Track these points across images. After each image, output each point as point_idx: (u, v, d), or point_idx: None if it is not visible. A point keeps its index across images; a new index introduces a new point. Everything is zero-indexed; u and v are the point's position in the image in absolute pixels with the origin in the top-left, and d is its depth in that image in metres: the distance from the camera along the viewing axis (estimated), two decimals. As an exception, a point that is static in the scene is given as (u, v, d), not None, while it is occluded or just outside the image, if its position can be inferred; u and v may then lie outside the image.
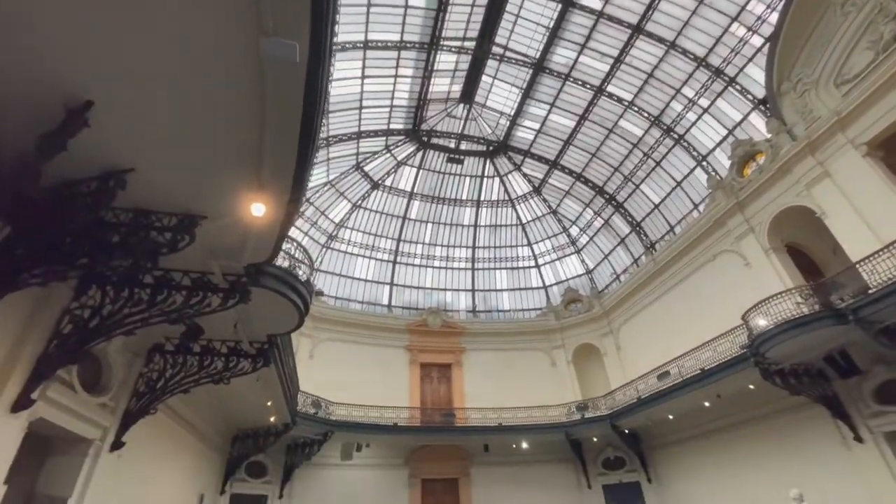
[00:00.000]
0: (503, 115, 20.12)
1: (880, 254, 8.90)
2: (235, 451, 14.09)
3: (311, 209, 20.45)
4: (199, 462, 11.55)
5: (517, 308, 23.99)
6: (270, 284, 6.53)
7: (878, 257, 8.85)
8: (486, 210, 24.08)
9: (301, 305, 7.11)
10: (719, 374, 11.80)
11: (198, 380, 7.65)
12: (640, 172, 18.79)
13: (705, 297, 15.31)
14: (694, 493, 14.40)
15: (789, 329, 9.47)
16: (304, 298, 7.12)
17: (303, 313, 7.28)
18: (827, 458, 10.70)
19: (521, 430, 17.44)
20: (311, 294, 7.56)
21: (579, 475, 17.95)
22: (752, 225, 13.82)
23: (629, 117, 17.77)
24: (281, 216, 4.85)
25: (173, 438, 9.53)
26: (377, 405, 17.07)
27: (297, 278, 6.99)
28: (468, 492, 17.72)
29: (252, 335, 7.94)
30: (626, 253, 20.88)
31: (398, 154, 21.44)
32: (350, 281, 22.18)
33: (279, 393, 10.98)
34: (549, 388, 20.14)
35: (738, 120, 15.03)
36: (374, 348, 20.28)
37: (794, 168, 12.48)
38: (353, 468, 16.83)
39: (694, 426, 14.49)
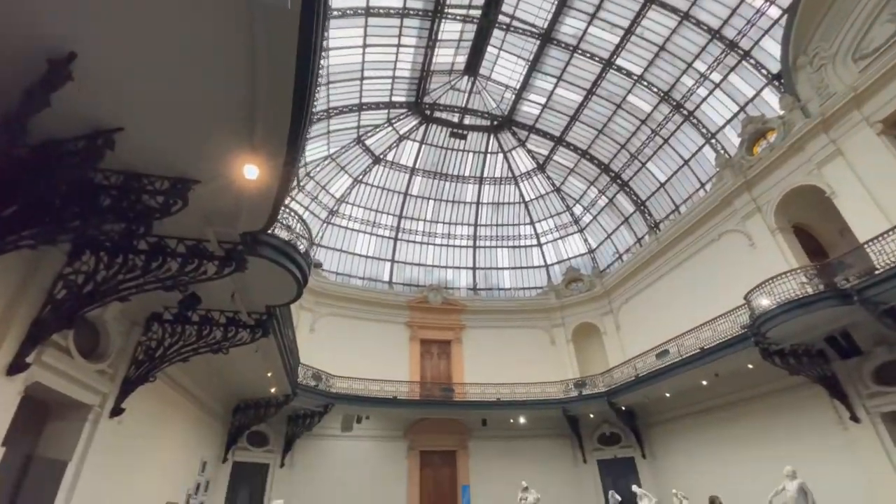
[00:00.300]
0: (508, 89, 19.61)
1: (889, 234, 8.72)
2: (237, 421, 14.31)
3: (311, 183, 20.22)
4: (201, 430, 11.73)
5: (518, 286, 23.96)
6: (268, 254, 6.42)
7: (886, 237, 8.68)
8: (488, 187, 23.79)
9: (299, 276, 7.03)
10: (719, 353, 11.80)
11: (196, 349, 7.64)
12: (646, 150, 18.42)
13: (708, 277, 15.20)
14: (688, 469, 14.62)
15: (792, 309, 9.39)
16: (302, 269, 7.03)
17: (301, 285, 7.20)
18: (823, 437, 10.78)
19: (518, 406, 17.66)
20: (309, 266, 7.46)
21: (575, 450, 18.26)
22: (759, 204, 13.59)
23: (638, 92, 17.30)
24: (276, 181, 4.69)
25: (174, 406, 9.62)
26: (378, 379, 17.24)
27: (296, 249, 6.88)
28: (465, 463, 18.09)
29: (250, 306, 7.90)
30: (629, 232, 20.69)
31: (400, 128, 21.02)
32: (351, 257, 22.12)
33: (279, 364, 11.05)
34: (547, 366, 20.30)
35: (750, 96, 14.61)
36: (374, 324, 20.38)
37: (806, 146, 12.17)
38: (354, 439, 17.15)
39: (691, 404, 14.61)
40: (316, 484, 15.89)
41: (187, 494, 11.11)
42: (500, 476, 17.39)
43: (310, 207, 20.49)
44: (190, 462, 11.26)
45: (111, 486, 7.08)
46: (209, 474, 12.77)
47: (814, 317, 9.32)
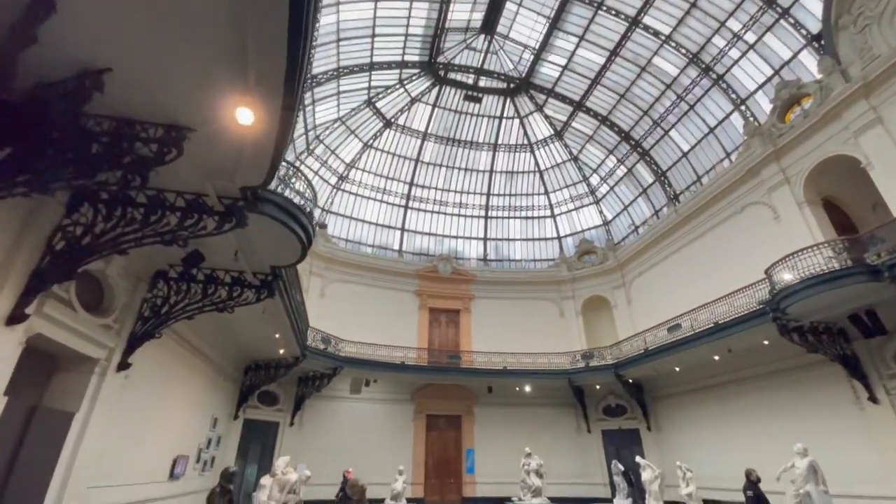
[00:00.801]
0: (527, 49, 18.67)
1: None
2: (248, 381, 14.61)
3: (320, 147, 19.83)
4: (212, 388, 11.96)
5: (529, 258, 23.65)
6: (269, 212, 6.21)
7: (928, 211, 8.10)
8: (502, 155, 23.12)
9: (303, 237, 6.83)
10: (734, 328, 11.49)
11: (201, 307, 7.60)
12: (670, 117, 17.55)
13: (727, 251, 14.69)
14: (694, 443, 14.61)
15: (816, 284, 8.97)
16: (305, 229, 6.82)
17: (305, 245, 7.02)
18: (837, 417, 10.54)
19: (524, 375, 17.74)
20: (314, 227, 7.26)
21: (579, 420, 18.42)
22: (787, 175, 12.90)
23: (665, 54, 16.31)
24: (274, 128, 4.41)
25: (185, 365, 9.76)
26: (386, 344, 17.37)
27: (299, 208, 6.65)
28: (471, 428, 18.40)
29: (255, 266, 7.78)
30: (647, 204, 20.04)
31: (412, 90, 20.30)
32: (361, 224, 21.94)
33: (287, 326, 11.07)
34: (555, 339, 20.22)
35: (786, 59, 13.62)
36: (384, 291, 20.41)
37: (843, 113, 11.37)
38: (362, 401, 17.48)
39: (700, 379, 14.44)
40: (324, 443, 16.33)
41: (199, 448, 11.45)
42: (504, 442, 17.68)
43: (319, 172, 20.18)
44: (201, 418, 11.53)
45: (120, 437, 7.22)
46: (220, 430, 13.13)
47: (839, 293, 8.91)
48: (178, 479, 10.01)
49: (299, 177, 6.99)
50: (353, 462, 16.28)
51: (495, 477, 17.08)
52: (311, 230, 7.18)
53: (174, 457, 9.80)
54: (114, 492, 7.29)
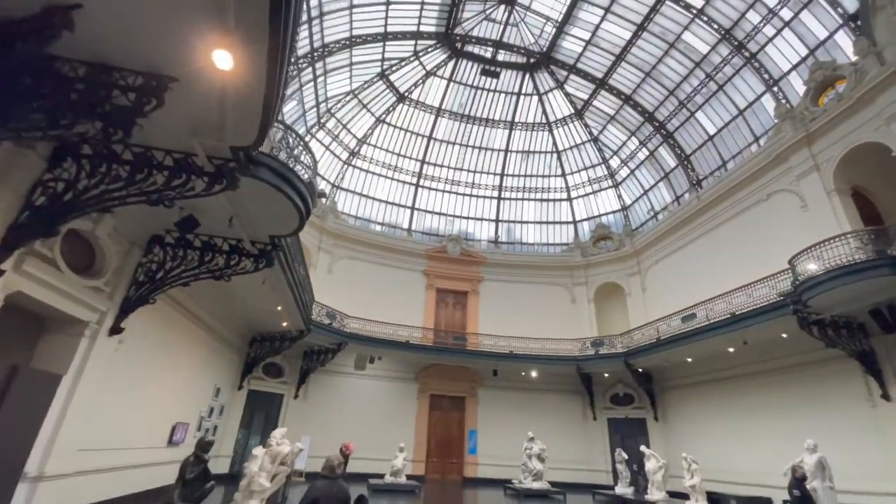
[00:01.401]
0: (549, 21, 17.78)
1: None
2: (253, 352, 14.68)
3: (332, 121, 19.43)
4: (215, 357, 11.97)
5: (542, 242, 23.12)
6: (264, 176, 5.92)
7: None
8: (519, 133, 22.40)
9: (300, 205, 6.54)
10: (751, 319, 10.99)
11: (198, 274, 7.43)
12: (697, 98, 16.64)
13: (749, 240, 14.00)
14: (702, 435, 14.25)
15: (842, 276, 8.42)
16: (303, 197, 6.53)
17: (303, 214, 6.73)
18: (848, 413, 10.11)
19: (532, 359, 17.50)
20: (312, 195, 6.95)
21: (585, 407, 18.17)
22: (818, 162, 12.10)
23: (695, 29, 15.34)
24: (261, 79, 4.06)
25: (185, 332, 9.69)
26: (391, 322, 17.25)
27: (296, 174, 6.34)
28: (474, 410, 18.33)
29: (253, 235, 7.56)
30: (668, 189, 19.25)
31: (427, 63, 19.64)
32: (371, 201, 21.64)
33: (290, 299, 10.93)
34: (565, 325, 19.85)
35: (822, 38, 12.64)
36: (391, 270, 20.23)
37: (877, 97, 10.53)
38: (366, 378, 17.50)
39: (712, 371, 14.00)
40: (327, 416, 16.43)
41: (200, 416, 11.55)
42: (507, 425, 17.58)
43: (331, 147, 19.84)
44: (203, 387, 11.59)
45: (114, 402, 7.19)
46: (224, 399, 13.25)
47: (864, 285, 8.37)
48: (177, 446, 10.08)
49: (298, 142, 6.62)
50: (356, 437, 16.38)
51: (497, 459, 17.03)
52: (310, 199, 6.88)
53: (173, 423, 9.85)
54: (108, 455, 7.30)
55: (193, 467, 4.83)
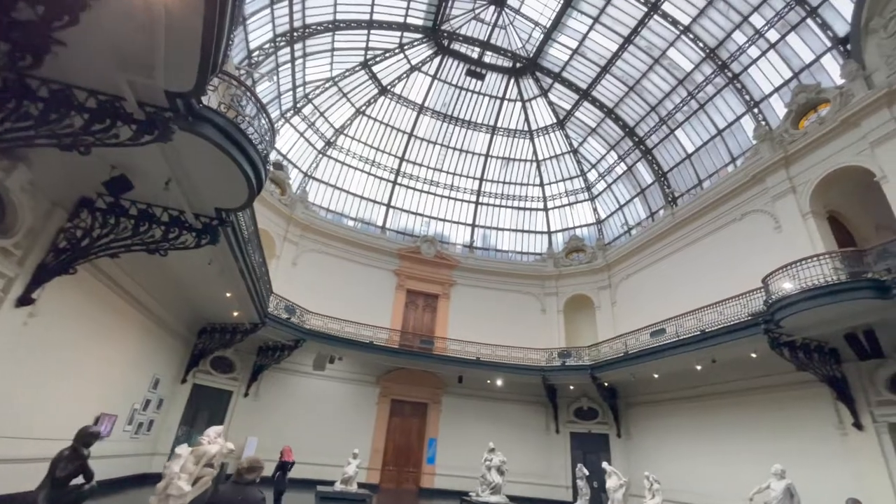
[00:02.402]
0: (538, 27, 17.62)
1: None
2: (202, 344, 13.63)
3: (309, 107, 18.63)
4: (155, 345, 10.94)
5: (516, 250, 22.82)
6: (208, 133, 5.21)
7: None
8: (500, 139, 22.13)
9: (250, 172, 5.84)
10: (722, 337, 10.81)
11: (129, 245, 6.57)
12: (678, 115, 16.72)
13: (721, 259, 13.99)
14: (665, 454, 14.02)
15: (819, 296, 8.25)
16: (254, 164, 5.84)
17: (253, 184, 6.02)
18: (818, 441, 9.94)
19: (498, 367, 17.00)
20: (265, 164, 6.26)
21: (549, 420, 17.78)
22: (794, 184, 12.18)
23: (681, 46, 15.42)
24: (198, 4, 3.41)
25: (117, 313, 8.71)
26: (354, 321, 16.44)
27: (247, 137, 5.65)
28: (436, 417, 17.66)
29: (197, 206, 6.77)
30: (643, 205, 19.28)
31: (412, 57, 19.15)
32: (345, 195, 20.85)
33: (241, 287, 10.09)
34: (534, 334, 19.56)
35: (808, 61, 12.83)
36: (361, 267, 19.46)
37: (862, 121, 10.63)
38: (324, 379, 16.59)
39: (678, 388, 13.83)
40: (279, 417, 15.44)
41: (132, 408, 10.48)
42: (469, 434, 16.99)
43: (305, 134, 19.01)
44: (138, 376, 10.54)
45: (18, 383, 6.22)
46: (163, 392, 12.16)
47: (841, 308, 8.21)
48: (101, 440, 9.01)
49: (250, 100, 5.93)
50: (309, 441, 15.48)
51: (456, 470, 16.37)
52: (263, 168, 6.19)
53: (97, 414, 8.83)
54: (8, 444, 6.31)
55: (67, 463, 3.98)
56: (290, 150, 18.75)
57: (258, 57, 14.27)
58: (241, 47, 13.71)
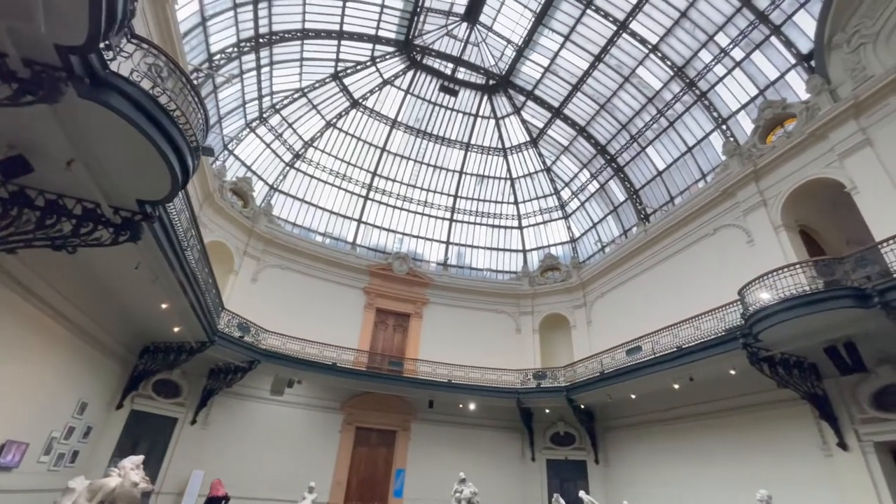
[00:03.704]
0: (510, 45, 17.67)
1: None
2: (143, 365, 12.34)
3: (276, 118, 18.01)
4: (82, 364, 9.72)
5: (491, 268, 22.28)
6: (115, 103, 4.47)
7: (926, 231, 7.14)
8: (475, 156, 21.89)
9: (171, 157, 5.09)
10: (699, 353, 10.32)
11: (31, 240, 5.66)
12: (649, 133, 16.79)
13: (696, 275, 13.72)
14: (644, 480, 13.27)
15: (798, 306, 7.85)
16: (177, 148, 5.09)
17: (175, 169, 5.25)
18: (802, 463, 9.41)
19: (470, 390, 16.10)
20: (193, 148, 5.51)
21: (525, 447, 16.85)
22: (765, 198, 12.08)
23: (649, 65, 15.59)
24: None
25: (28, 325, 7.60)
26: (316, 341, 15.37)
27: (166, 112, 4.92)
28: (405, 446, 16.49)
29: (115, 197, 5.92)
30: (616, 223, 19.14)
31: (385, 70, 18.88)
32: (314, 209, 20.04)
33: (182, 299, 9.09)
34: (509, 354, 18.84)
35: (773, 79, 13.03)
36: (327, 284, 18.50)
37: (830, 133, 10.64)
38: (282, 405, 15.35)
39: (657, 410, 13.22)
40: (230, 447, 14.08)
41: (50, 437, 9.16)
42: (440, 464, 15.88)
43: (272, 145, 18.31)
44: (60, 400, 9.27)
45: None
46: (93, 419, 10.81)
47: (821, 318, 7.81)
48: (7, 471, 7.78)
49: (174, 72, 5.24)
50: (264, 473, 14.11)
51: (425, 503, 15.16)
52: (191, 154, 5.46)
53: (2, 441, 7.58)
54: None
55: None
56: (255, 161, 17.97)
57: (220, 61, 13.66)
58: (201, 49, 13.10)
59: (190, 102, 5.58)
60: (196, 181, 13.91)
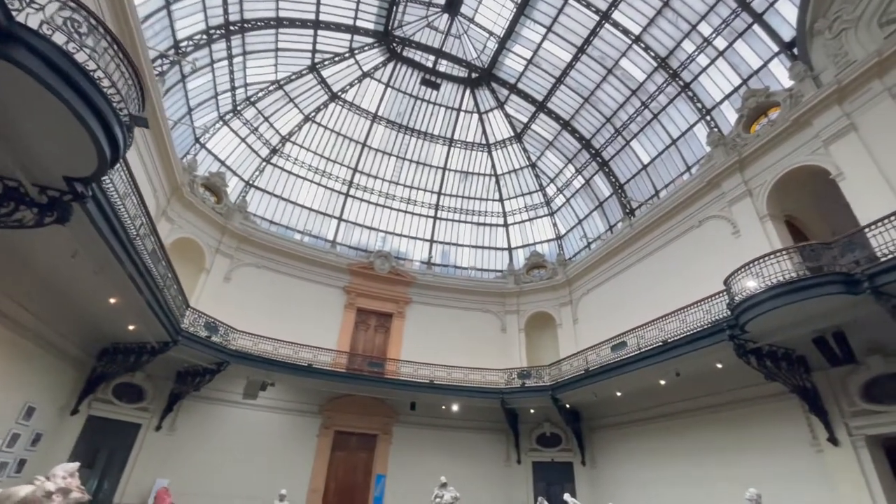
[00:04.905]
0: (492, 37, 17.30)
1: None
2: (102, 367, 11.61)
3: (251, 111, 17.39)
4: (28, 366, 9.01)
5: (476, 267, 21.81)
6: (22, 59, 3.92)
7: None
8: (458, 151, 21.46)
9: (94, 126, 4.53)
10: (685, 346, 9.93)
11: (-63, 220, 5.05)
12: (633, 126, 16.51)
13: (681, 268, 13.39)
14: (631, 482, 12.84)
15: (785, 294, 7.49)
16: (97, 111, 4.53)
17: (100, 140, 4.69)
18: (793, 458, 9.05)
19: (453, 391, 15.56)
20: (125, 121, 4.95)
21: (510, 449, 16.34)
22: (750, 188, 11.80)
23: (633, 56, 15.32)
24: None
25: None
26: (290, 341, 14.72)
27: (85, 73, 4.37)
28: (386, 450, 15.86)
29: (38, 173, 5.34)
30: (602, 219, 18.82)
31: (364, 63, 18.37)
32: (292, 206, 19.41)
33: (135, 294, 8.43)
34: (494, 354, 18.37)
35: (756, 68, 12.80)
36: (305, 283, 17.86)
37: (814, 120, 10.39)
38: (257, 409, 14.68)
39: (644, 408, 12.83)
40: (199, 454, 13.36)
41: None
42: (422, 468, 15.29)
43: (247, 139, 17.67)
44: (2, 404, 8.56)
45: None
46: (43, 425, 10.06)
47: (808, 306, 7.46)
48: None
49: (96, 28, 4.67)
50: (236, 482, 13.40)
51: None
52: (119, 123, 4.90)
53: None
54: None
55: None
56: (229, 156, 17.32)
57: (188, 48, 13.05)
58: (166, 35, 12.49)
59: (118, 66, 5.03)
60: (161, 172, 13.25)
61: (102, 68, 4.87)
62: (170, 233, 14.42)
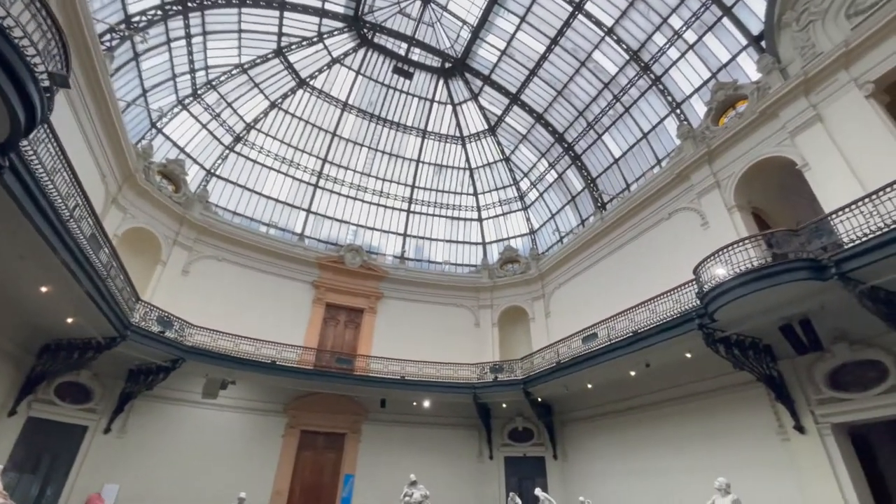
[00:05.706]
0: (465, 25, 16.98)
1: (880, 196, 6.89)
2: (42, 366, 10.68)
3: (213, 95, 16.51)
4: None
5: (450, 262, 21.48)
6: None
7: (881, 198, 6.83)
8: (432, 143, 21.07)
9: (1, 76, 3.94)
10: (655, 336, 9.86)
11: None
12: (605, 119, 16.49)
13: (652, 260, 13.42)
14: (604, 473, 12.77)
15: (753, 280, 7.43)
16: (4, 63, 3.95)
17: (8, 96, 4.10)
18: (760, 447, 9.08)
19: (424, 387, 15.18)
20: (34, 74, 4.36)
21: (482, 444, 16.09)
22: (718, 179, 11.88)
23: (605, 49, 15.28)
24: None
25: None
26: (252, 338, 14.02)
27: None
28: (354, 448, 15.36)
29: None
30: (574, 213, 18.80)
31: (333, 48, 17.73)
32: (257, 197, 18.59)
33: (72, 283, 7.68)
34: (467, 349, 18.09)
35: (725, 61, 12.91)
36: (270, 277, 17.12)
37: (781, 111, 10.49)
38: (217, 409, 13.94)
39: (615, 400, 12.78)
40: (153, 457, 12.55)
41: None
42: (393, 467, 14.85)
43: (209, 125, 16.78)
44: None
45: None
46: (-32, 429, 9.16)
47: (776, 292, 7.42)
48: None
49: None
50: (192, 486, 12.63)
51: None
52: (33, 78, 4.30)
53: None
54: None
55: None
56: (189, 142, 16.39)
57: (140, 23, 12.19)
58: (117, 8, 11.62)
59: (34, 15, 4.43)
60: (111, 156, 12.34)
61: (14, 17, 4.28)
62: (122, 222, 13.51)
